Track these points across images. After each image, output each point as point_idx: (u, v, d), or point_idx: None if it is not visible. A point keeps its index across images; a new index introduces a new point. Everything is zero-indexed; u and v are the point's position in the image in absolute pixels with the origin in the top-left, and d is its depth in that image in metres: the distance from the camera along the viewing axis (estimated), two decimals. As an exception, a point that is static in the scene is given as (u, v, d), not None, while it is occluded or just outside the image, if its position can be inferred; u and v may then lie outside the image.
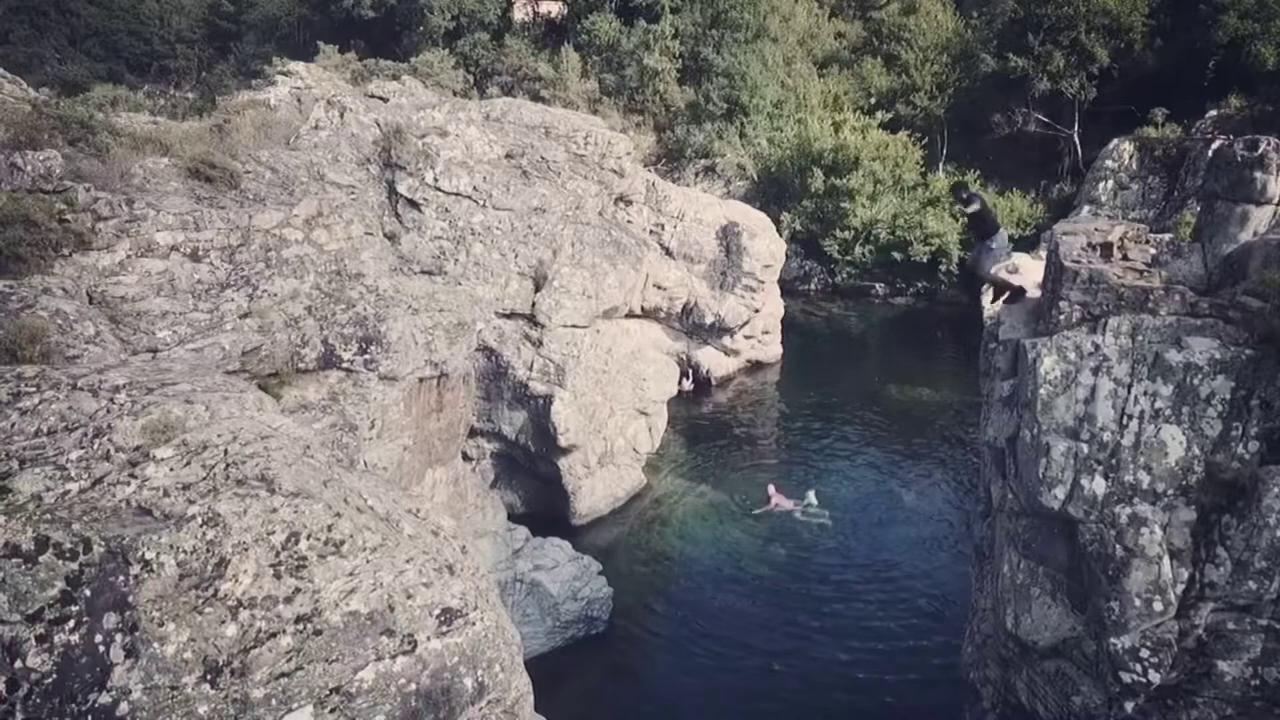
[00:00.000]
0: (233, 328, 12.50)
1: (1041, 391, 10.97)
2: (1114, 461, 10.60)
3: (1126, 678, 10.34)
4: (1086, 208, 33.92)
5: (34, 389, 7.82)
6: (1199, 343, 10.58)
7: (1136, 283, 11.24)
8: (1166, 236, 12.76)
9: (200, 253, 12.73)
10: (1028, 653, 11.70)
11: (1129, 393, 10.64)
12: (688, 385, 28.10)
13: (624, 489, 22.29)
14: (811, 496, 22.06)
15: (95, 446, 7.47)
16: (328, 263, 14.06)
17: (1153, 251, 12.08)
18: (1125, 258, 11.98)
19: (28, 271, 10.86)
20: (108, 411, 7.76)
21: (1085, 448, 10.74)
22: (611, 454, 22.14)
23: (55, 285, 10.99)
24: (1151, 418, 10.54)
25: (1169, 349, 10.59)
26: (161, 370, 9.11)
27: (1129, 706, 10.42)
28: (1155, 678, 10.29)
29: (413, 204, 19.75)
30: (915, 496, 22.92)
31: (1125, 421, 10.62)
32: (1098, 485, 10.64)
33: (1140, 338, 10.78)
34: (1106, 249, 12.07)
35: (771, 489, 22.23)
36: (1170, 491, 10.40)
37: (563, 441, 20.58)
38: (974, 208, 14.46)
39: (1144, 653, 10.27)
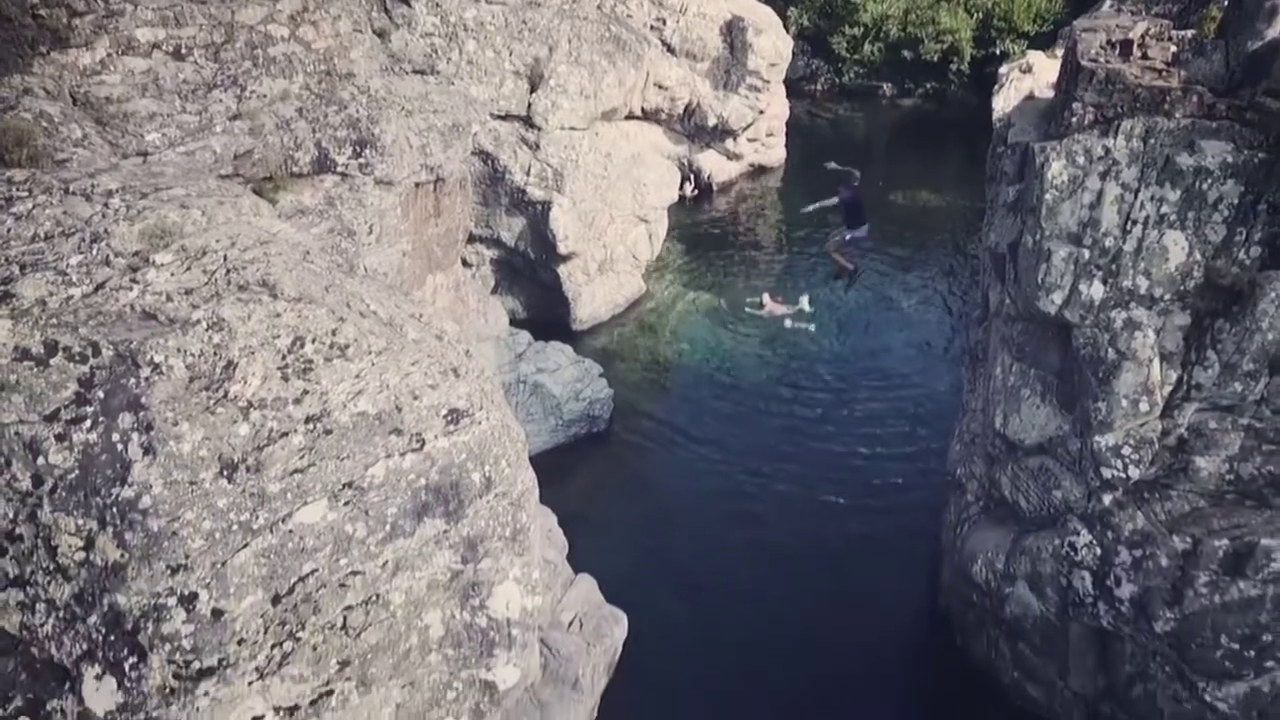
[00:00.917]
0: (223, 130, 12.21)
1: (1047, 196, 10.83)
2: (1114, 267, 10.61)
3: (1107, 473, 10.77)
4: (1109, 2, 32.32)
5: (26, 193, 7.74)
6: (1212, 146, 10.35)
7: (1154, 83, 10.87)
8: (1190, 33, 12.23)
9: (183, 50, 12.24)
10: (1014, 450, 12.14)
11: (1135, 198, 10.52)
12: (689, 191, 27.69)
13: (624, 296, 22.42)
14: (805, 303, 22.20)
15: (94, 252, 7.46)
16: (316, 62, 13.55)
17: (1174, 49, 11.61)
18: (1145, 56, 11.53)
19: (5, 72, 10.49)
20: (103, 216, 7.71)
21: (1086, 253, 10.72)
22: (611, 261, 22.13)
23: (36, 86, 10.65)
24: (1156, 223, 10.46)
25: (1180, 152, 10.37)
26: (154, 174, 8.97)
27: (1106, 499, 10.91)
28: (1135, 473, 10.72)
29: (402, -2, 18.81)
30: (914, 302, 23.11)
31: (1129, 227, 10.55)
32: (1096, 290, 10.70)
33: (1152, 141, 10.53)
34: (1126, 47, 11.60)
35: (766, 296, 22.36)
36: (1167, 297, 10.47)
37: (562, 249, 20.52)
38: (847, 196, 14.67)
39: (1126, 450, 10.65)
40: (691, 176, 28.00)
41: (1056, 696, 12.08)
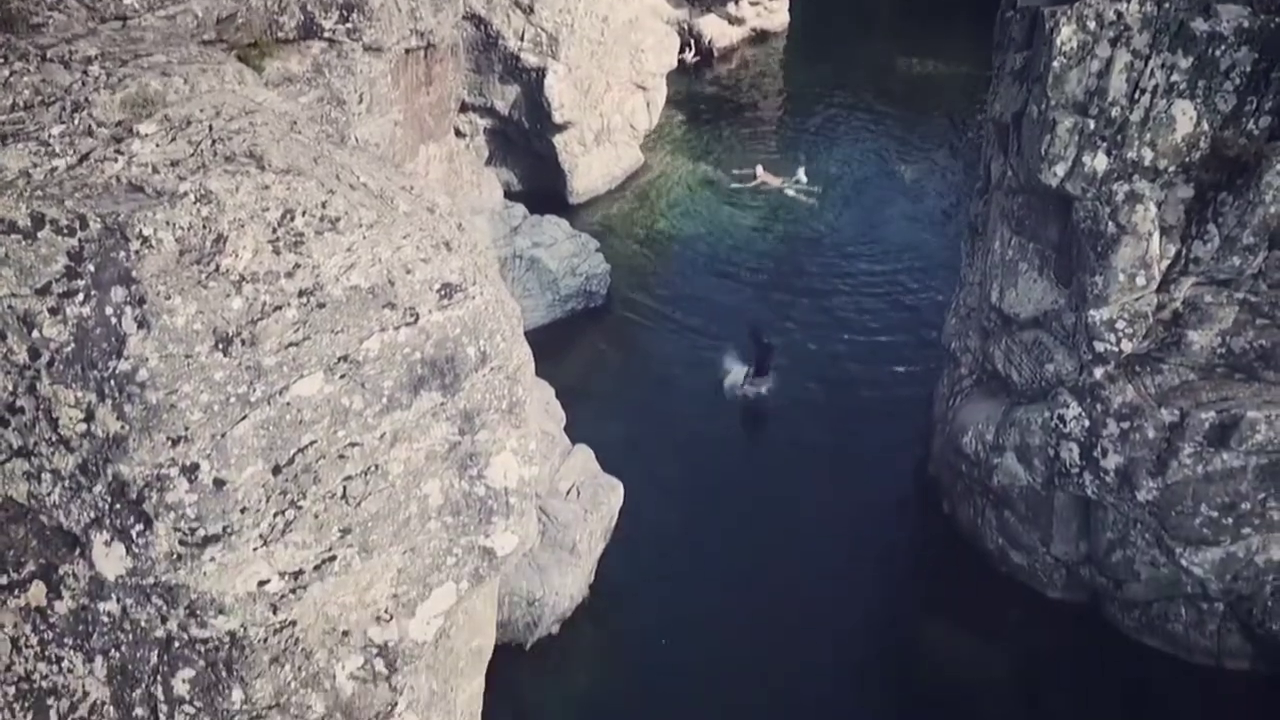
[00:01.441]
0: (203, -8, 11.73)
1: (1055, 64, 10.53)
2: (1119, 138, 10.40)
3: (1100, 347, 10.84)
4: None
5: (2, 60, 7.50)
6: (1228, 10, 10.01)
7: (1172, -59, 10.40)
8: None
9: (157, -95, 11.65)
10: (1008, 324, 12.19)
11: (1146, 65, 10.22)
12: (689, 57, 26.84)
13: (621, 167, 22.04)
14: (800, 174, 21.85)
15: (76, 122, 7.29)
16: (297, -83, 12.92)
17: (1195, -96, 11.07)
18: (1164, -89, 10.99)
19: (-29, -72, 10.01)
20: (83, 85, 7.49)
21: (1092, 123, 10.49)
22: (608, 131, 21.66)
23: (5, -57, 10.17)
24: (1165, 92, 10.20)
25: (1195, 17, 10.03)
26: (134, 40, 8.68)
27: (1098, 373, 11.02)
28: (1127, 347, 10.79)
29: None
30: (916, 173, 22.77)
31: (1137, 96, 10.29)
32: (1099, 162, 10.52)
33: (1167, 5, 10.17)
34: (1145, -99, 11.04)
35: (759, 168, 21.97)
36: (1172, 169, 10.31)
37: (557, 118, 20.05)
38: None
39: (1120, 324, 10.69)
40: (692, 42, 27.12)
41: (1038, 562, 12.51)
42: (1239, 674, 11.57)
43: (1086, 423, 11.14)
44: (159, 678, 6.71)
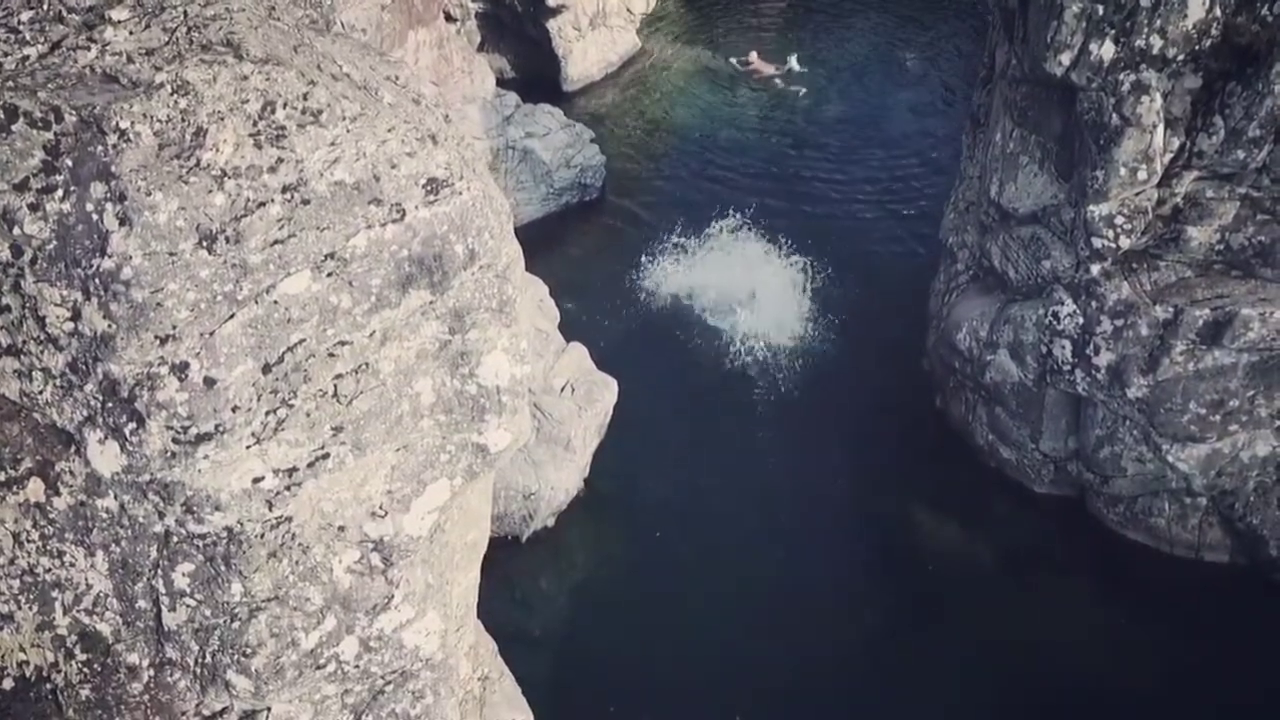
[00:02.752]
0: None
1: (1065, -55, 10.11)
2: (1128, 24, 10.07)
3: (1097, 243, 10.74)
4: None
5: (-36, -60, 7.16)
6: (1249, -113, 9.54)
7: None
8: None
9: None
10: (1007, 219, 12.04)
11: (1160, -55, 9.82)
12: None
13: (617, 53, 21.40)
14: (793, 62, 21.25)
15: (45, 6, 7.01)
16: None
17: None
18: None
19: None
20: (50, -33, 7.16)
21: (1101, 9, 10.14)
22: (604, 14, 20.95)
23: None
24: (1178, -27, 9.83)
25: (1214, -106, 9.58)
26: (101, -82, 8.26)
27: (1095, 269, 10.95)
28: (1125, 243, 10.69)
29: None
30: (918, 62, 22.16)
31: (1149, -22, 9.92)
32: (1106, 50, 10.21)
33: (1185, -119, 9.70)
34: None
35: (753, 55, 21.35)
36: (1180, 57, 10.01)
37: (551, 0, 19.37)
38: None
39: (1119, 219, 10.57)
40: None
41: (1027, 457, 12.68)
42: (1217, 566, 11.88)
43: (1080, 320, 11.12)
44: (159, 571, 6.84)
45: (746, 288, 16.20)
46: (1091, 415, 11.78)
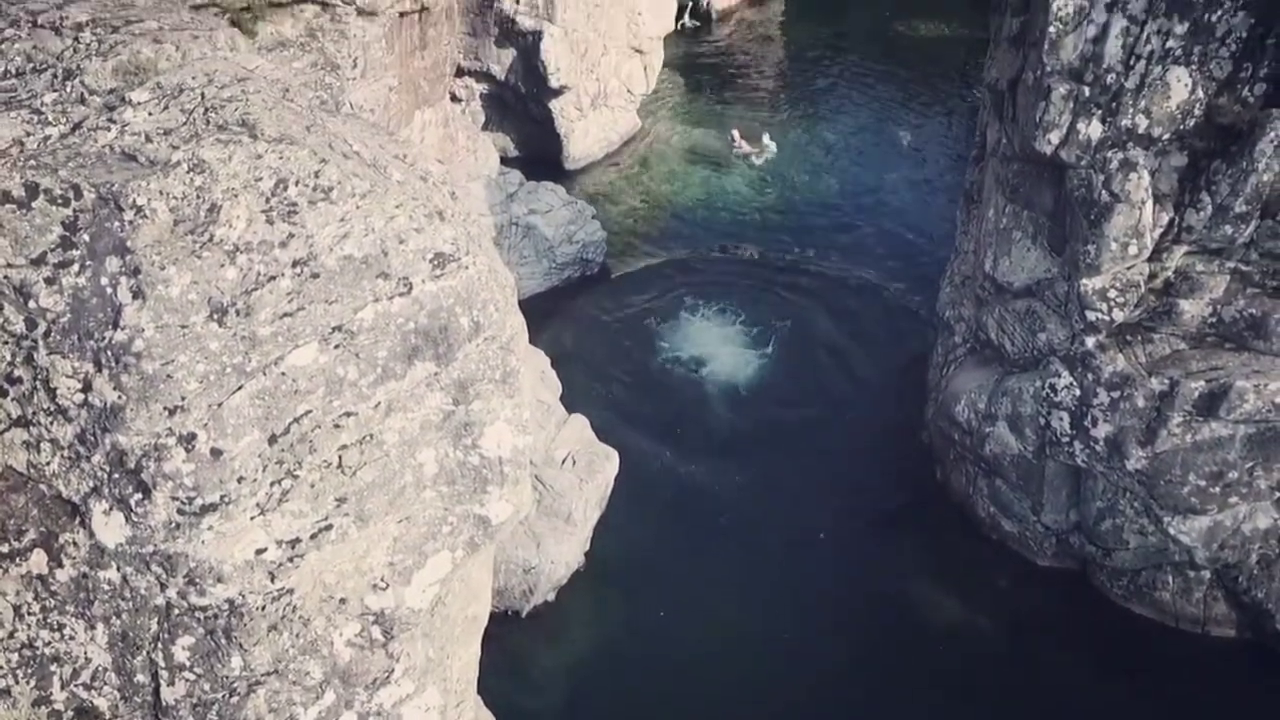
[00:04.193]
0: (194, -45, 11.62)
1: (1051, 29, 10.48)
2: (1114, 105, 10.38)
3: (1091, 316, 10.88)
4: None
5: (-8, 27, 7.45)
6: (1226, -26, 9.93)
7: (1171, -94, 10.30)
8: None
9: None
10: (1002, 292, 12.22)
11: (1141, 31, 10.17)
12: (688, 23, 26.55)
13: (618, 132, 21.92)
14: (766, 139, 21.80)
15: (68, 89, 7.26)
16: (288, -121, 12.76)
17: None
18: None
19: (-42, -110, 9.89)
20: (74, 51, 7.46)
21: (1087, 90, 10.47)
22: (605, 95, 21.52)
23: (-8, -94, 10.05)
24: (1160, 58, 10.16)
25: (1192, -18, 9.97)
26: (124, 6, 8.60)
27: (1089, 342, 11.08)
28: (1119, 316, 10.84)
29: None
30: (914, 138, 22.67)
31: (1132, 62, 10.25)
32: (1094, 129, 10.50)
33: (1164, -30, 10.10)
34: None
35: (735, 133, 21.90)
36: (1166, 136, 10.29)
37: (553, 82, 19.92)
38: None
39: (1112, 293, 10.73)
40: (689, 5, 26.82)
41: (1029, 530, 12.65)
42: (1224, 640, 11.75)
43: (1077, 392, 11.21)
44: (159, 645, 6.81)
45: (746, 361, 16.35)
46: (1092, 487, 11.80)
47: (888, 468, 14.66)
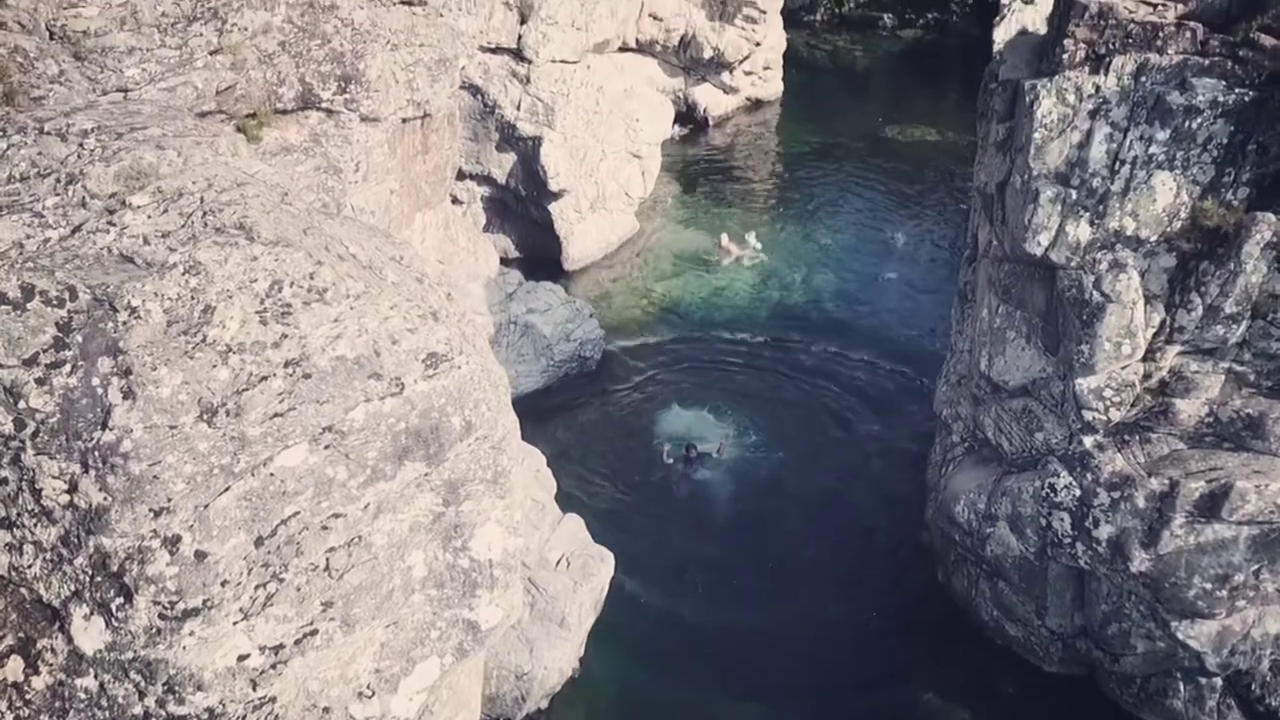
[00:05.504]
0: (204, 65, 12.00)
1: (1036, 136, 10.73)
2: (1101, 208, 10.56)
3: (1088, 415, 10.85)
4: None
5: (0, 133, 7.65)
6: (1204, 84, 10.22)
7: (1147, 18, 10.68)
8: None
9: (161, -18, 11.97)
10: (998, 392, 12.21)
11: (1125, 137, 10.42)
12: (679, 131, 27.19)
13: (616, 235, 22.26)
14: (751, 239, 22.11)
15: (70, 194, 7.41)
16: (298, -7, 13.26)
17: (1171, -17, 11.38)
18: (1141, -10, 11.30)
19: (-22, 5, 10.28)
20: (78, 157, 7.64)
21: (1074, 194, 10.66)
22: (603, 198, 21.94)
23: (10, 19, 10.43)
24: (1144, 163, 10.38)
25: (1171, 91, 10.25)
26: (130, 113, 8.85)
27: (1087, 441, 11.02)
28: (1115, 415, 10.80)
29: (387, -75, 18.32)
30: (907, 239, 23.01)
31: (1117, 168, 10.47)
32: (1082, 232, 10.66)
33: (1143, 79, 10.40)
34: (1122, -19, 11.35)
35: (724, 236, 22.26)
36: (1153, 238, 10.44)
37: (553, 185, 20.33)
38: None
39: (1107, 393, 10.72)
40: (678, 120, 27.41)
41: (1034, 634, 12.35)
42: (1240, 749, 11.36)
43: (1077, 492, 11.10)
44: (133, 756, 6.59)
45: (742, 459, 16.25)
46: (1096, 590, 11.57)
47: (888, 569, 14.42)
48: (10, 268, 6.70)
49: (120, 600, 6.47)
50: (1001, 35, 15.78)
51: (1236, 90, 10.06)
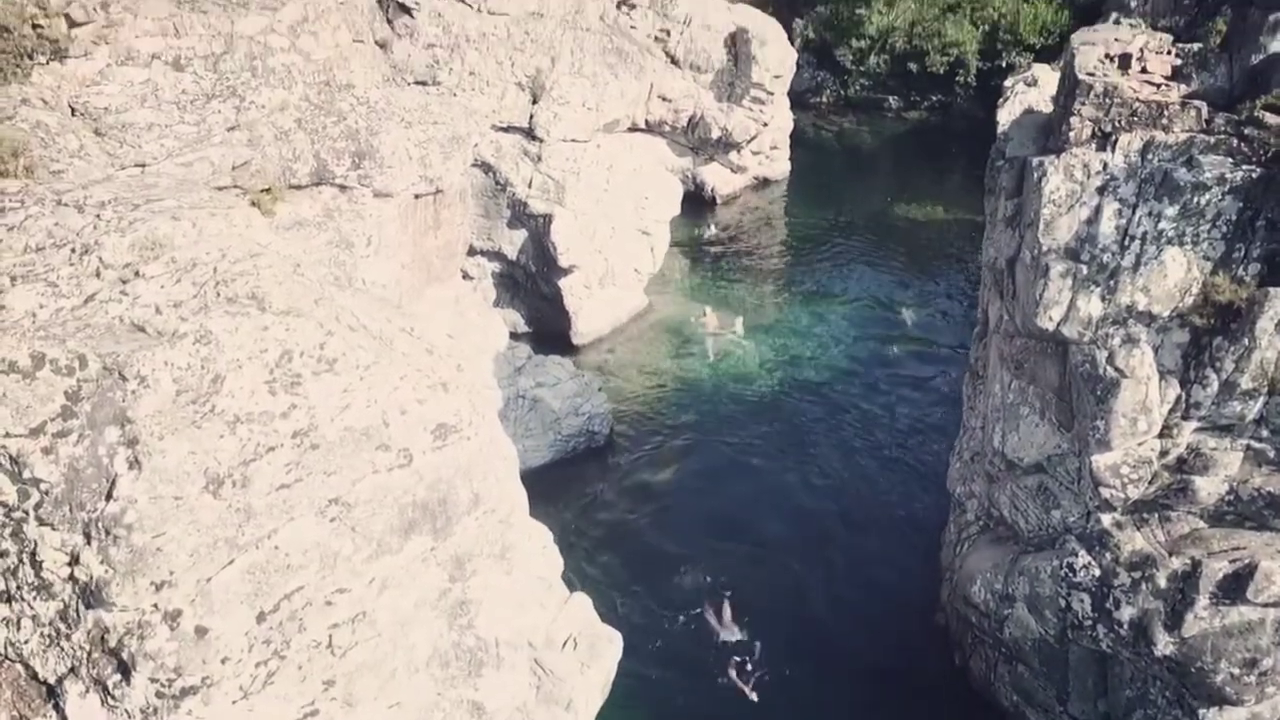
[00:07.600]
0: (221, 141, 12.21)
1: (1045, 211, 10.78)
2: (1112, 283, 10.54)
3: (1105, 493, 10.67)
4: (1114, 14, 32.26)
5: (19, 204, 7.72)
6: (1210, 161, 10.29)
7: (1152, 97, 10.82)
8: (1195, 46, 12.14)
9: (183, 61, 12.25)
10: (1012, 469, 12.04)
11: (1134, 213, 10.46)
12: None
13: (625, 310, 22.34)
14: (738, 325, 22.18)
15: (84, 264, 7.44)
16: (316, 72, 13.57)
17: (1174, 63, 11.55)
18: (1144, 70, 11.47)
19: (3, 81, 10.50)
20: (94, 228, 7.69)
21: (1084, 269, 10.65)
22: (612, 274, 22.07)
23: (34, 96, 10.66)
24: (1154, 239, 10.39)
25: (1179, 168, 10.32)
26: (147, 186, 8.95)
27: (1105, 519, 10.81)
28: (1134, 493, 10.62)
29: (404, 8, 18.85)
30: (916, 317, 23.01)
31: (1127, 243, 10.48)
32: (1094, 307, 10.62)
33: (1150, 156, 10.48)
34: (1125, 60, 11.55)
35: (708, 309, 22.35)
36: (1166, 314, 10.39)
37: (563, 261, 20.49)
38: None
39: (1125, 469, 10.55)
40: (694, 187, 27.80)
41: None
42: (1274, 844, 10.86)
43: (1097, 571, 10.85)
44: (123, 843, 6.34)
45: (751, 538, 15.99)
46: (1120, 674, 11.23)
47: (904, 653, 14.03)
48: (22, 336, 6.69)
49: (118, 677, 6.29)
50: (1005, 116, 15.97)
51: (1244, 167, 10.12)
